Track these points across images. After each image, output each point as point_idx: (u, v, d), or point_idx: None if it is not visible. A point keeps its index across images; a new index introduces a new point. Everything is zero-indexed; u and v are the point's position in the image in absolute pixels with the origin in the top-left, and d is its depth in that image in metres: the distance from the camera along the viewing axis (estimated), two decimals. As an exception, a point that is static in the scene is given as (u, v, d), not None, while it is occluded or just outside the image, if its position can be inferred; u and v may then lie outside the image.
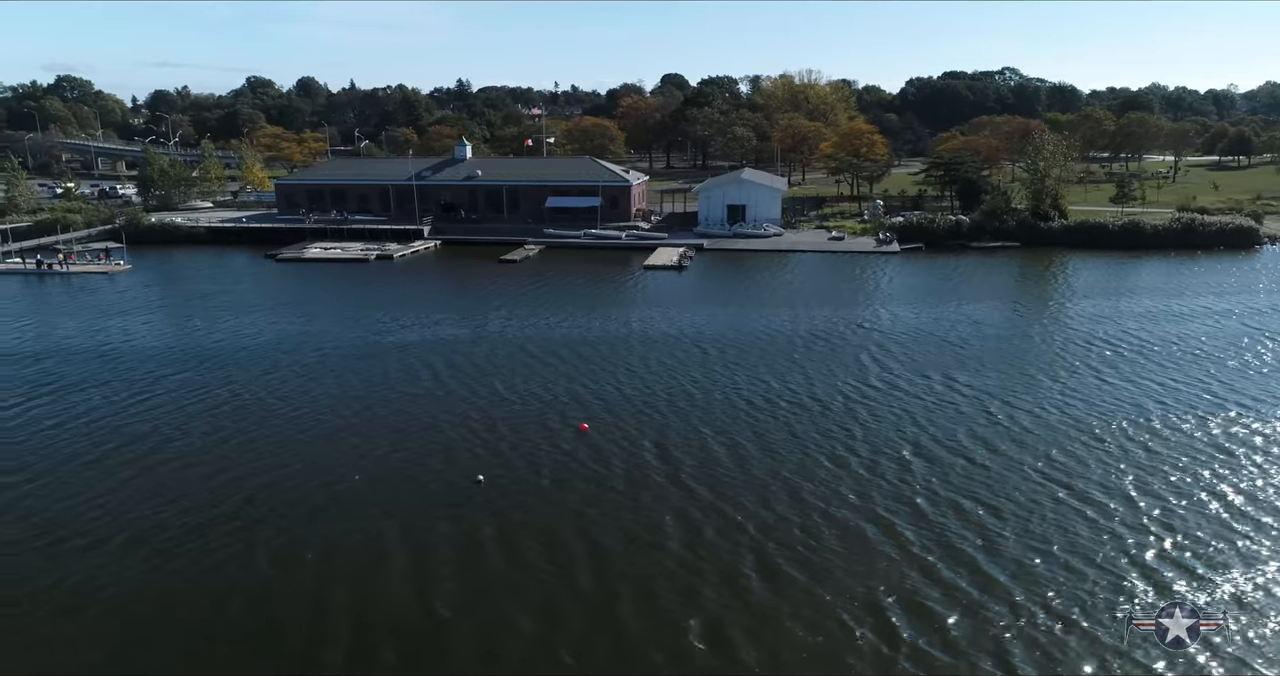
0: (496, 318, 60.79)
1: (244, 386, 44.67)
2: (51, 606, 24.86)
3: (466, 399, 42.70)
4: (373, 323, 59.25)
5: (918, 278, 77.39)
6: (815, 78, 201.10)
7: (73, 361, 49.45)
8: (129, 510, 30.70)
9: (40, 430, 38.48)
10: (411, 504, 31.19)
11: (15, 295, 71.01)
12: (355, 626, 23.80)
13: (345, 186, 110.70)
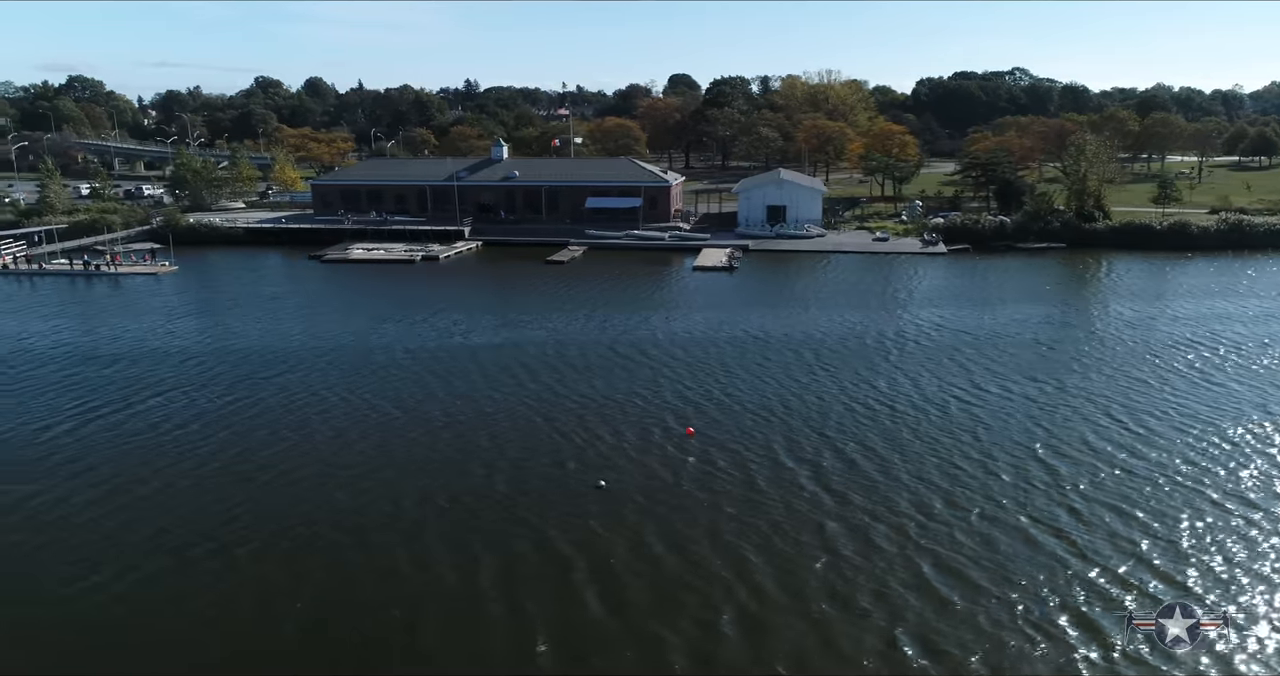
0: (568, 319, 60.44)
1: (347, 388, 44.40)
2: (236, 615, 24.55)
3: (571, 400, 42.41)
4: (446, 324, 58.96)
5: (975, 279, 77.25)
6: (834, 78, 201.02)
7: (160, 363, 49.10)
8: (282, 514, 30.52)
9: (161, 432, 38.14)
10: (539, 509, 30.81)
11: (71, 296, 70.53)
12: (508, 632, 23.49)
13: (381, 187, 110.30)
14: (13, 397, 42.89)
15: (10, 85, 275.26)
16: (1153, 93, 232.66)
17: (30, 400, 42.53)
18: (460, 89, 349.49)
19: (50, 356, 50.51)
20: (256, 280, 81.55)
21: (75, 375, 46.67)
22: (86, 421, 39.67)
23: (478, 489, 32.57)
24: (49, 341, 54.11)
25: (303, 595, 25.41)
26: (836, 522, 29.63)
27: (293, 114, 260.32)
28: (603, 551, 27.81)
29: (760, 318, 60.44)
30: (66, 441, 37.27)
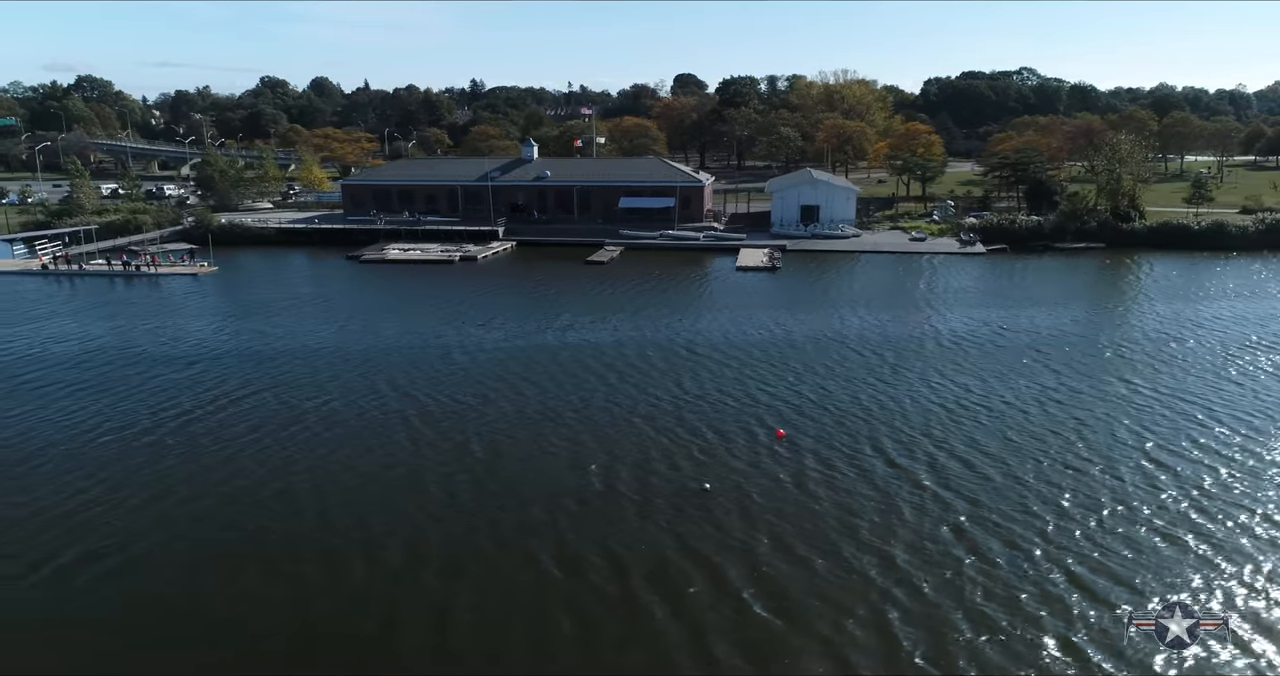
0: (627, 319, 60.25)
1: (436, 388, 44.17)
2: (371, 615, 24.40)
3: (662, 401, 42.22)
4: (508, 325, 58.73)
5: (1022, 279, 77.24)
6: (848, 77, 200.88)
7: (240, 363, 48.89)
8: (417, 510, 30.43)
9: (264, 433, 37.92)
10: (647, 513, 30.56)
11: (118, 297, 70.19)
12: (664, 637, 23.38)
13: (412, 187, 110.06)
14: (106, 398, 42.61)
15: (19, 85, 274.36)
16: (1166, 93, 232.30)
17: (121, 402, 42.19)
18: (465, 89, 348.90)
19: (126, 358, 50.13)
20: (299, 281, 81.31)
21: (158, 376, 46.35)
22: (189, 421, 39.44)
23: (596, 490, 32.39)
24: (117, 342, 53.75)
25: (461, 593, 25.25)
26: (952, 523, 29.48)
27: (301, 114, 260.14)
28: (728, 555, 27.57)
29: (820, 318, 60.33)
30: (173, 442, 36.99)
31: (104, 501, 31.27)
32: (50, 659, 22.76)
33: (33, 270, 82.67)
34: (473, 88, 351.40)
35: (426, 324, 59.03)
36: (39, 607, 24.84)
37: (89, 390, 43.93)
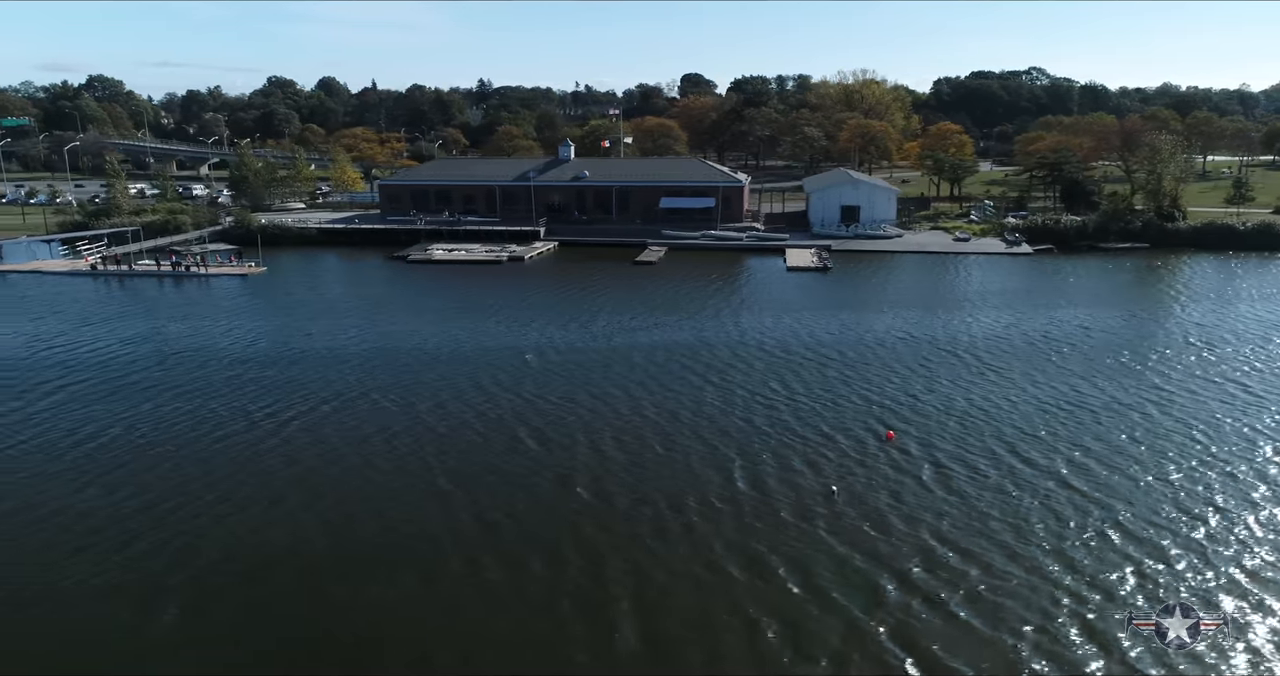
0: (699, 319, 60.21)
1: (538, 388, 44.20)
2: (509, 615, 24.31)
3: (767, 402, 42.17)
4: (581, 324, 58.69)
5: (1079, 278, 77.24)
6: (867, 77, 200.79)
7: (320, 364, 48.79)
8: (548, 515, 30.27)
9: (369, 432, 37.80)
10: (782, 515, 30.50)
11: (176, 298, 70.01)
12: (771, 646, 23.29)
13: (450, 187, 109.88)
14: (193, 400, 42.46)
15: (30, 84, 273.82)
16: (1187, 93, 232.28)
17: (210, 402, 42.13)
18: (472, 89, 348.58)
19: (203, 358, 50.07)
20: (351, 281, 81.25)
21: (243, 376, 46.34)
22: (285, 422, 39.36)
23: (720, 492, 32.31)
24: (198, 343, 53.57)
25: (649, 593, 25.16)
26: (1095, 527, 29.42)
27: (311, 114, 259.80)
28: (874, 560, 27.48)
29: (895, 318, 60.22)
30: (274, 443, 36.89)
31: (261, 502, 31.19)
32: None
33: (81, 271, 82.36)
34: (480, 87, 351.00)
35: (499, 324, 58.98)
36: (177, 611, 24.71)
37: (194, 392, 43.77)
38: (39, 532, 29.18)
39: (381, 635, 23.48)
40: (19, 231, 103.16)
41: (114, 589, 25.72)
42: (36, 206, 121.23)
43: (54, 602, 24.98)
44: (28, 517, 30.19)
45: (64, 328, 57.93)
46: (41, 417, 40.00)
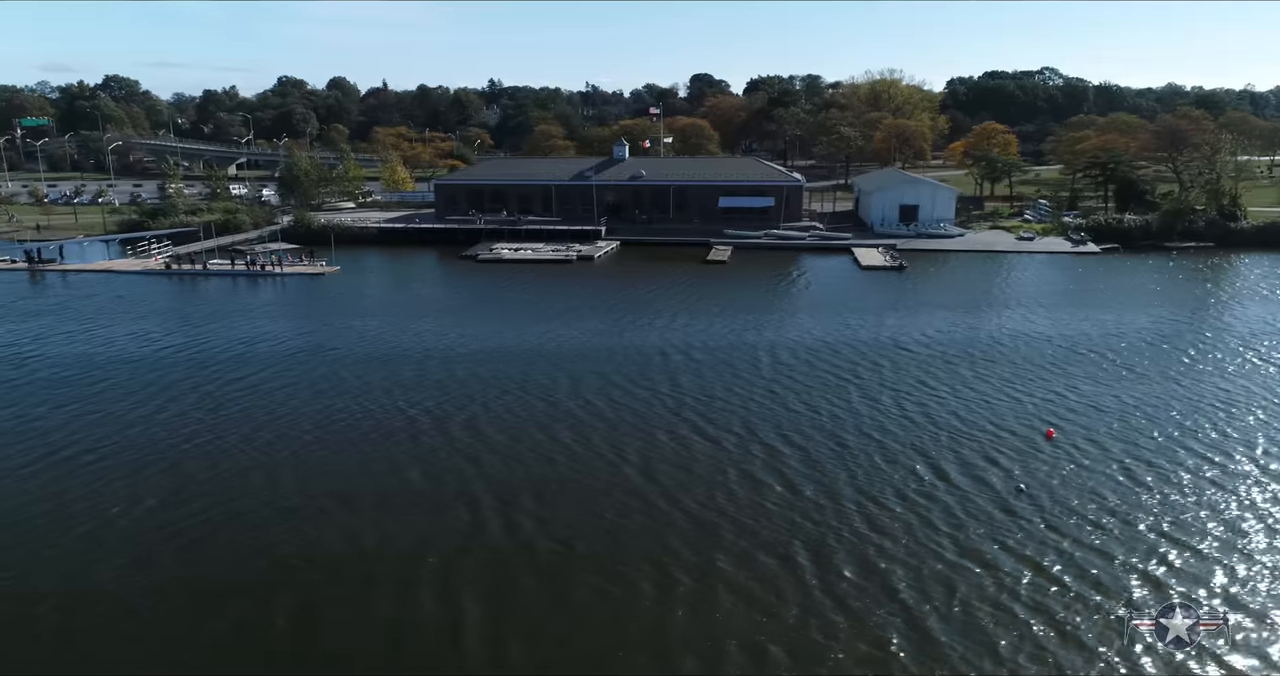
0: (803, 319, 60.19)
1: (693, 385, 44.35)
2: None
3: (921, 400, 42.22)
4: (688, 323, 58.68)
5: (1166, 277, 77.48)
6: (897, 76, 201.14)
7: (443, 361, 48.86)
8: (784, 513, 30.26)
9: (545, 434, 37.72)
10: (981, 513, 30.52)
11: (261, 297, 69.93)
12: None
13: (505, 187, 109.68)
14: (344, 397, 42.44)
15: (46, 84, 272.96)
16: (1208, 93, 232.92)
17: (362, 400, 42.12)
18: (481, 89, 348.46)
19: (325, 357, 50.06)
20: (429, 280, 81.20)
21: (378, 375, 46.28)
22: (474, 418, 39.60)
23: (918, 488, 32.42)
24: (306, 343, 53.35)
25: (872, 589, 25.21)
26: None
27: (329, 113, 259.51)
28: (1096, 560, 27.56)
29: (995, 317, 60.29)
30: (458, 439, 36.83)
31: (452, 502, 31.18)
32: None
33: (155, 270, 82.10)
34: (491, 87, 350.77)
35: (602, 322, 59.07)
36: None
37: (340, 390, 43.72)
38: (259, 524, 29.16)
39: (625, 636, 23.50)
40: (72, 231, 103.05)
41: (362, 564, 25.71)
42: (92, 206, 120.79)
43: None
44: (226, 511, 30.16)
45: (171, 326, 57.80)
46: (200, 413, 39.87)
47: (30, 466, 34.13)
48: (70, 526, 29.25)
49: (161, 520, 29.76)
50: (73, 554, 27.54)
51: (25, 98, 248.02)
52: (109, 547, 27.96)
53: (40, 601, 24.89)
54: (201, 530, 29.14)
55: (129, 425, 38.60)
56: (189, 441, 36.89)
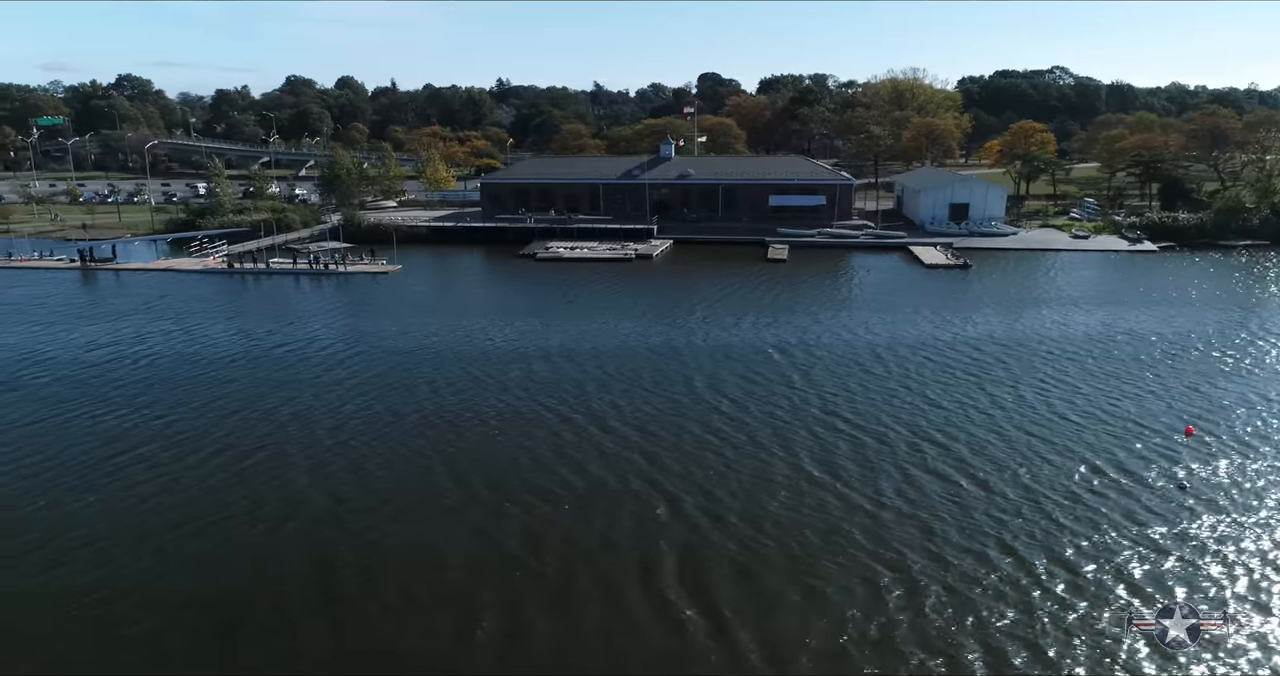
0: (894, 316, 60.06)
1: (827, 384, 44.33)
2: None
3: (1047, 396, 42.23)
4: (785, 320, 58.63)
5: (1239, 276, 77.44)
6: (919, 75, 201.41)
7: (566, 360, 48.68)
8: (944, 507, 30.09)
9: (711, 435, 37.54)
10: (1126, 507, 30.54)
11: (339, 296, 69.36)
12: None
13: (552, 185, 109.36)
14: (495, 395, 42.10)
15: (59, 84, 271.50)
16: (1227, 92, 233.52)
17: (503, 395, 41.83)
18: (490, 88, 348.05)
19: (453, 354, 49.93)
20: (494, 279, 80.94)
21: (519, 371, 46.06)
22: (642, 417, 39.14)
23: (1082, 486, 32.33)
24: (408, 342, 52.93)
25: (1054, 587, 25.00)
26: None
27: (342, 112, 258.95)
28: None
29: (1084, 315, 60.29)
30: (615, 431, 36.59)
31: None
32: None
33: (218, 269, 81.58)
34: (499, 86, 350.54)
35: (695, 320, 58.92)
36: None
37: (473, 386, 43.60)
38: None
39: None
40: (118, 231, 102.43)
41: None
42: (129, 206, 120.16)
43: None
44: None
45: (267, 325, 57.39)
46: (352, 408, 39.57)
47: (217, 475, 33.47)
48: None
49: (379, 516, 29.57)
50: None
51: (40, 97, 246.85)
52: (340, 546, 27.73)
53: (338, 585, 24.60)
54: (411, 524, 28.94)
55: (282, 424, 38.26)
56: (356, 437, 36.83)
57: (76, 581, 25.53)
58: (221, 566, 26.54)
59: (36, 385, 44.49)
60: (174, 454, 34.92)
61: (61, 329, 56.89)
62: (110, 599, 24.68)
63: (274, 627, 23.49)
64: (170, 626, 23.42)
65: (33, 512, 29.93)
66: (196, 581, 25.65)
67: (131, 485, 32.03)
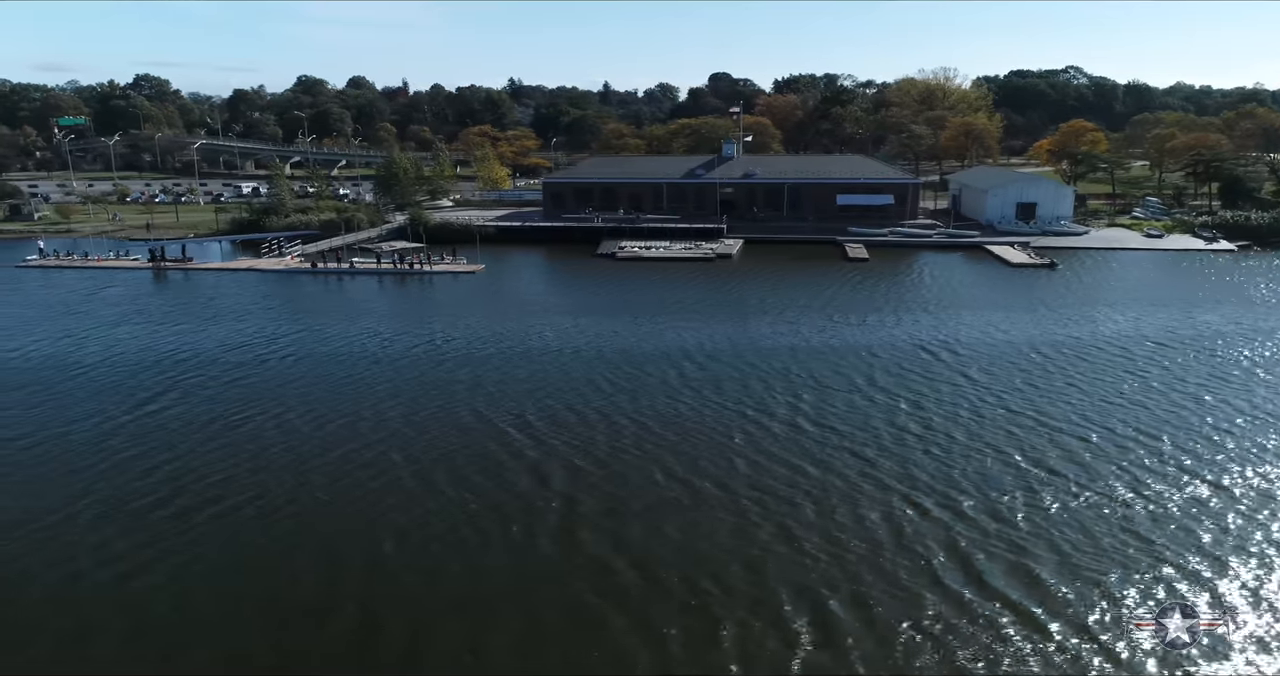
0: (1018, 315, 59.70)
1: (1002, 383, 44.02)
2: None
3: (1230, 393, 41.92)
4: (911, 320, 58.28)
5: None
6: (950, 75, 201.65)
7: (737, 359, 48.36)
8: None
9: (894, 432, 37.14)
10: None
11: (439, 295, 68.93)
12: None
13: (615, 184, 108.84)
14: (668, 394, 41.63)
15: (75, 83, 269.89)
16: (1251, 91, 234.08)
17: (697, 400, 41.33)
18: (502, 88, 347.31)
19: (599, 353, 49.62)
20: (585, 279, 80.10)
21: (681, 371, 45.64)
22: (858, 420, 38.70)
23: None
24: (545, 343, 52.48)
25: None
26: None
27: (360, 113, 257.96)
28: None
29: (1223, 314, 59.72)
30: (816, 435, 36.13)
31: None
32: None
33: (301, 268, 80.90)
34: (510, 85, 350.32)
35: (821, 318, 58.61)
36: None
37: (635, 387, 43.18)
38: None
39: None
40: (177, 230, 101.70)
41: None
42: (185, 205, 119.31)
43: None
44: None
45: (394, 325, 56.81)
46: (532, 408, 39.06)
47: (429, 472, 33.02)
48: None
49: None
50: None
51: (60, 97, 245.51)
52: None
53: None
54: (667, 522, 28.43)
55: (467, 427, 37.71)
56: (555, 437, 36.38)
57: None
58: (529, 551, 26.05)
59: (196, 384, 43.95)
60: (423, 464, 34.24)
61: (183, 328, 56.35)
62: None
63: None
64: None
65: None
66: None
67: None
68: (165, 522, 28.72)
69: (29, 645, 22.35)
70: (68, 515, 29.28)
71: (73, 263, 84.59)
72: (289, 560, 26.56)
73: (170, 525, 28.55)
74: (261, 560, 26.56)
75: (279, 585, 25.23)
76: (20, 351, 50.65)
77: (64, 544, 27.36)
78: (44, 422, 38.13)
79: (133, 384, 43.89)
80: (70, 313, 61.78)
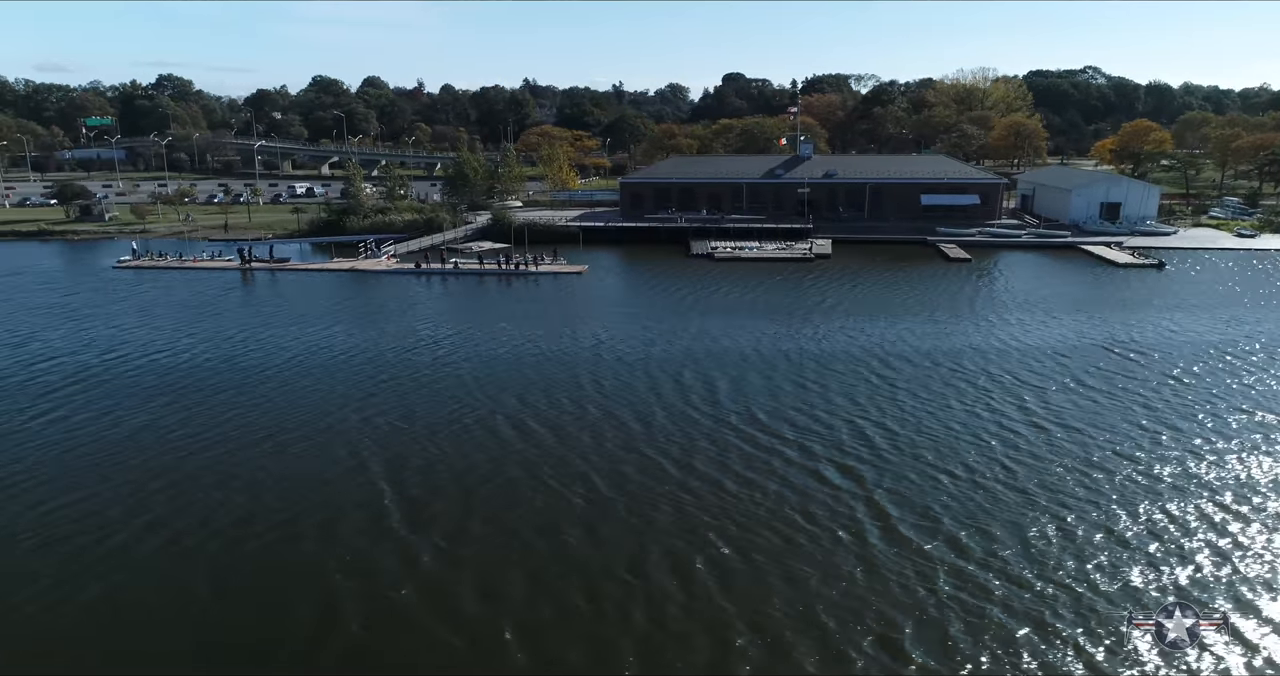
0: (1159, 315, 59.26)
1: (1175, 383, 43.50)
2: None
3: None
4: (1046, 321, 57.72)
5: None
6: (987, 75, 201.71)
7: (913, 362, 47.63)
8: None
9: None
10: None
11: (560, 297, 67.99)
12: None
13: (694, 185, 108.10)
14: (841, 398, 40.99)
15: (99, 83, 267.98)
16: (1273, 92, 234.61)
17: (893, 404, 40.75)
18: (516, 88, 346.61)
19: (761, 356, 48.93)
20: (694, 278, 78.71)
21: (837, 373, 45.04)
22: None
23: None
24: (702, 345, 51.66)
25: None
26: None
27: (381, 113, 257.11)
28: None
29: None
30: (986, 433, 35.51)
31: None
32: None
33: (404, 269, 79.97)
34: (525, 85, 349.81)
35: (958, 319, 58.08)
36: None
37: (808, 391, 42.39)
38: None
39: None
40: (252, 231, 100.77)
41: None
42: (242, 205, 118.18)
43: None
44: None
45: (524, 328, 55.62)
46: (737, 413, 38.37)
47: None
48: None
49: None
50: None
51: (85, 97, 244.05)
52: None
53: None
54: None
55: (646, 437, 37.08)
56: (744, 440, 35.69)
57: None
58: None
59: (384, 380, 43.42)
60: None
61: (332, 326, 55.70)
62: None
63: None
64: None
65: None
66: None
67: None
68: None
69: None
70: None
71: (168, 263, 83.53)
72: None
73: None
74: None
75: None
76: (208, 354, 49.93)
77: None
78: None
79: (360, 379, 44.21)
80: (215, 313, 61.16)
